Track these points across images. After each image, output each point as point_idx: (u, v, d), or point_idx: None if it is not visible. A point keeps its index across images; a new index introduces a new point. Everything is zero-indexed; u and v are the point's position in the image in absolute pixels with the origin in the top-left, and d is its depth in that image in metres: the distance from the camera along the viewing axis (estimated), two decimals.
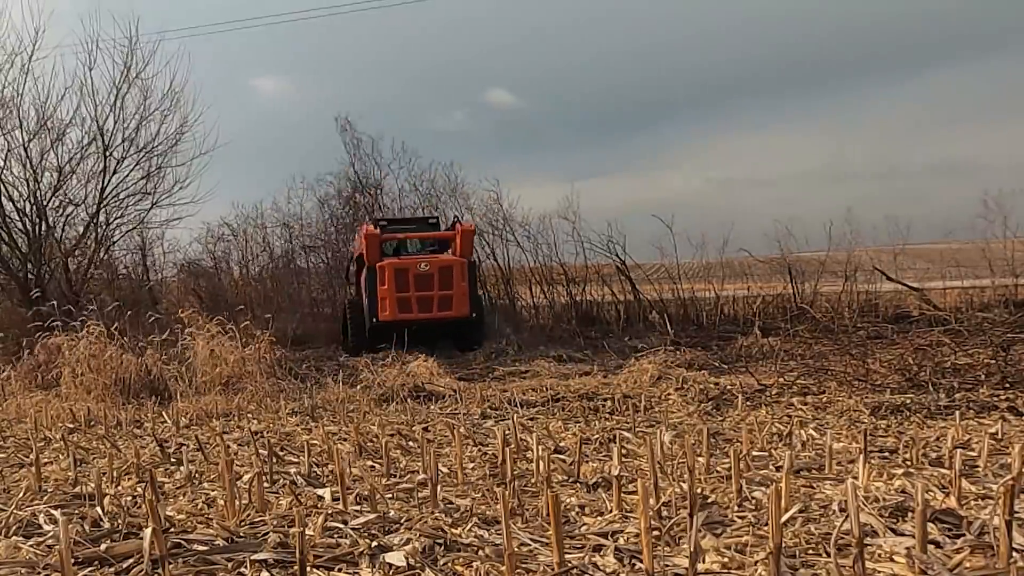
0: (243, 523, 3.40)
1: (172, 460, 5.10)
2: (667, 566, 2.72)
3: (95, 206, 14.31)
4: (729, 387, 7.61)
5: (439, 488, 3.78)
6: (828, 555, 2.72)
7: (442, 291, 11.89)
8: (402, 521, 3.38)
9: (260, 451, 4.97)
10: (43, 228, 13.99)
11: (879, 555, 2.78)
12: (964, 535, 2.91)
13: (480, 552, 2.95)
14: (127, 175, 14.56)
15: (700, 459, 4.16)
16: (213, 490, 4.13)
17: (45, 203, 13.99)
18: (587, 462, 4.48)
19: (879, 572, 2.64)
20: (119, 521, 3.41)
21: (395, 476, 4.42)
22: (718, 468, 4.17)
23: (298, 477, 4.36)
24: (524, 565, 2.81)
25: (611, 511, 3.44)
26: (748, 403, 6.65)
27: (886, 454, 4.55)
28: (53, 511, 3.59)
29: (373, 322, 12.04)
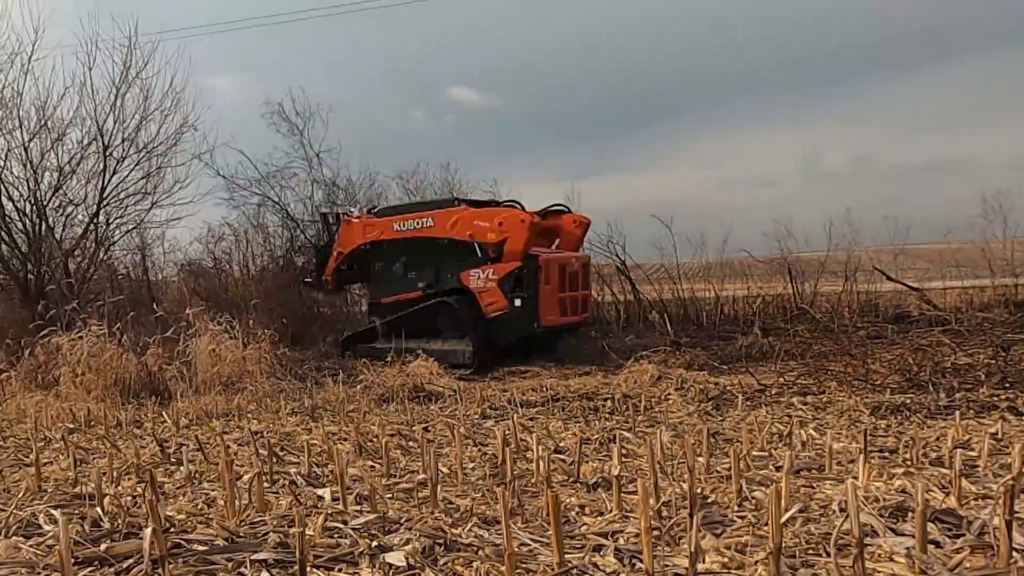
0: (243, 523, 3.40)
1: (172, 460, 5.10)
2: (667, 566, 2.72)
3: (95, 206, 14.30)
4: (729, 387, 7.62)
5: (439, 488, 3.78)
6: (828, 555, 2.72)
7: (584, 291, 10.98)
8: (402, 521, 3.38)
9: (260, 451, 4.97)
10: (43, 228, 13.98)
11: (879, 555, 2.78)
12: (964, 535, 2.91)
13: (480, 552, 2.95)
14: (127, 175, 14.54)
15: (700, 459, 4.17)
16: (213, 490, 4.13)
17: (45, 203, 13.99)
18: (587, 462, 4.48)
19: (879, 572, 2.64)
20: (119, 521, 3.41)
21: (395, 476, 4.42)
22: (718, 468, 4.17)
23: (298, 477, 4.36)
24: (524, 565, 2.81)
25: (611, 511, 3.44)
26: (748, 403, 6.65)
27: (886, 454, 4.55)
28: (53, 511, 3.59)
29: (536, 327, 10.27)
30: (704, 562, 2.77)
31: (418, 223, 11.13)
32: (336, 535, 3.18)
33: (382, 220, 11.70)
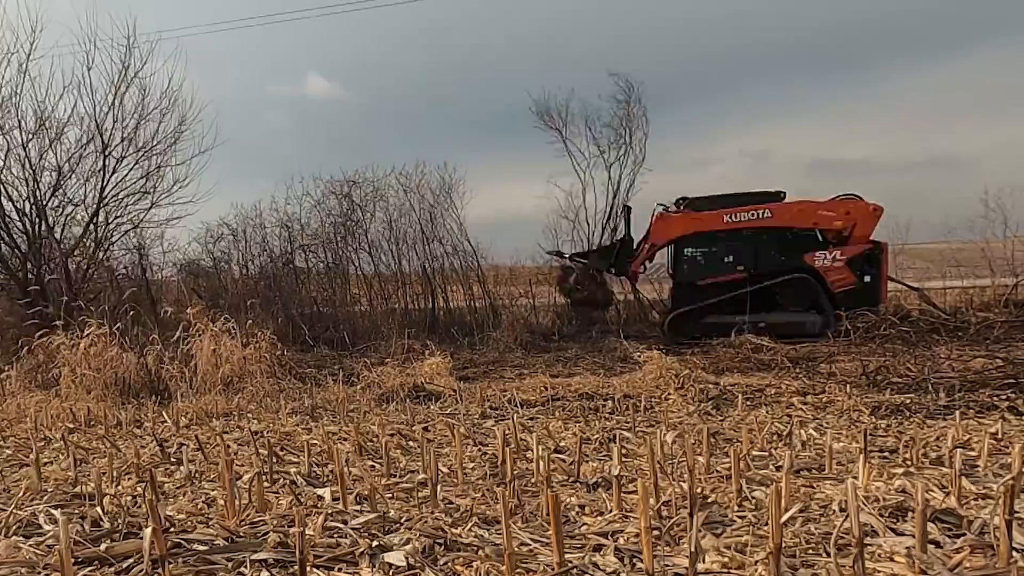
0: (243, 523, 3.40)
1: (172, 460, 5.10)
2: (667, 566, 2.72)
3: (95, 206, 14.32)
4: (729, 387, 7.62)
5: (439, 488, 3.78)
6: (828, 555, 2.72)
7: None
8: (402, 521, 3.38)
9: (260, 451, 4.97)
10: (43, 228, 13.99)
11: (879, 555, 2.78)
12: (964, 535, 2.91)
13: (480, 552, 2.95)
14: (126, 175, 14.57)
15: (700, 459, 4.17)
16: (213, 490, 4.13)
17: (44, 203, 14.00)
18: (587, 462, 4.48)
19: (879, 572, 2.64)
20: (119, 521, 3.41)
21: (395, 476, 4.42)
22: (718, 468, 4.17)
23: (298, 477, 4.36)
24: (524, 565, 2.81)
25: (611, 511, 3.44)
26: (748, 403, 6.65)
27: (886, 454, 4.55)
28: (53, 511, 3.59)
29: (879, 308, 11.83)
30: (704, 562, 2.77)
31: (754, 215, 12.54)
32: (336, 535, 3.18)
33: (710, 214, 12.72)
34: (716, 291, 12.61)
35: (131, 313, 10.68)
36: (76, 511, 3.67)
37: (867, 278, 11.93)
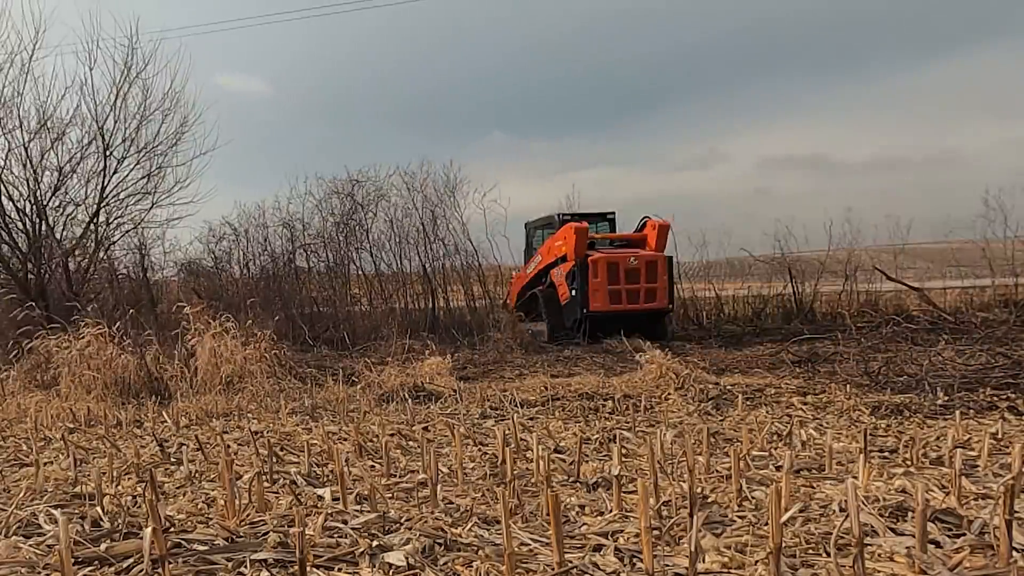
0: (243, 523, 3.40)
1: (172, 460, 5.10)
2: (667, 566, 2.72)
3: (95, 206, 14.34)
4: (729, 387, 7.62)
5: (439, 488, 3.78)
6: (828, 555, 2.72)
7: (648, 284, 13.21)
8: (402, 521, 3.38)
9: (260, 451, 4.97)
10: (43, 228, 14.00)
11: (879, 555, 2.78)
12: (964, 535, 2.91)
13: (480, 552, 2.95)
14: (127, 175, 14.61)
15: (700, 459, 4.17)
16: (213, 490, 4.14)
17: (45, 203, 14.01)
18: (587, 462, 4.48)
19: (879, 572, 2.64)
20: (119, 521, 3.41)
21: (395, 476, 4.42)
22: (718, 468, 4.17)
23: (298, 477, 4.36)
24: (524, 565, 2.81)
25: (611, 511, 3.44)
26: (748, 403, 6.66)
27: (886, 454, 4.55)
28: (53, 511, 3.59)
29: (583, 312, 13.17)
30: (704, 562, 2.77)
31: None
32: (336, 535, 3.18)
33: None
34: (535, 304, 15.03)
35: (130, 312, 10.68)
36: (76, 511, 3.67)
37: (573, 292, 13.51)
